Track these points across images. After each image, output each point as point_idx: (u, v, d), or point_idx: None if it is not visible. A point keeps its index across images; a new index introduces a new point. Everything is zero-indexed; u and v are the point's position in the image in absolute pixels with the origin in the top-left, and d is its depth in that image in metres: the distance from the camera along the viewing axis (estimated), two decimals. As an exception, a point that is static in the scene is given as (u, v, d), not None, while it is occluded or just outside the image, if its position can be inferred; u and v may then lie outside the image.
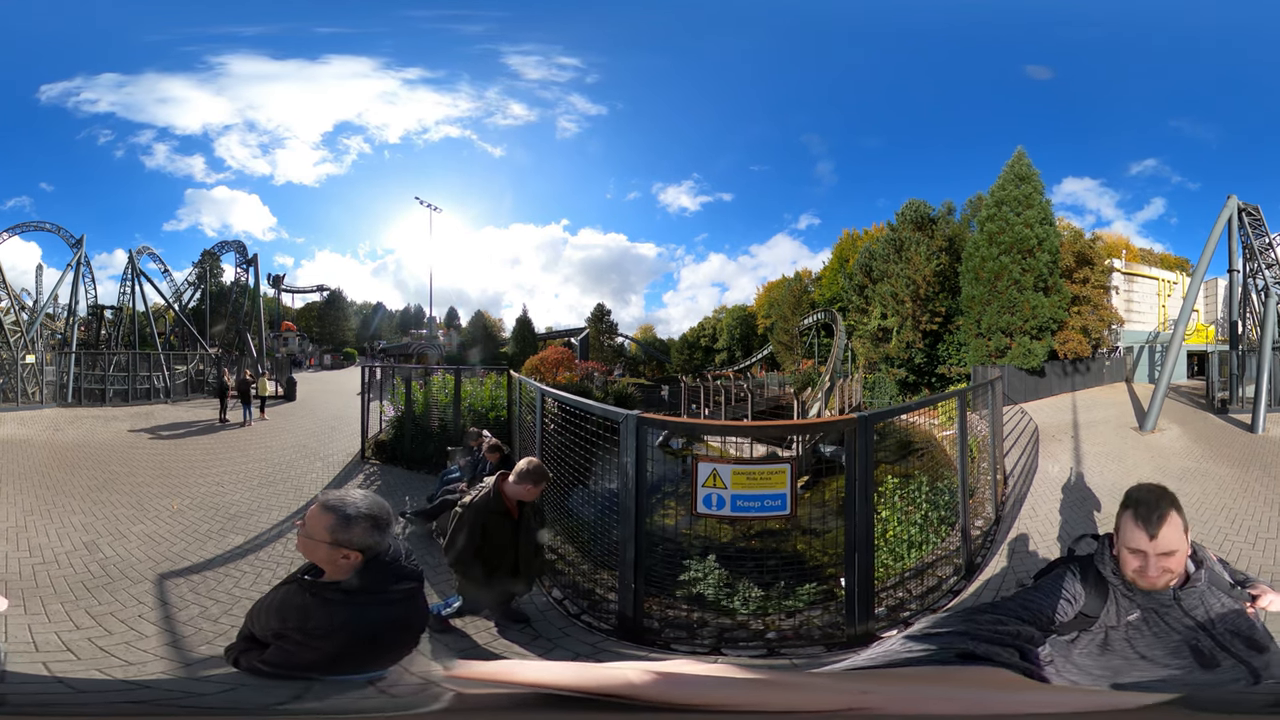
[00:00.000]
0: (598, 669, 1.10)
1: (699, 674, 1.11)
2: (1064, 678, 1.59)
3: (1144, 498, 1.84)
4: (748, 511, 4.90)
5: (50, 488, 8.84)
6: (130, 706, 1.21)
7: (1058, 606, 1.79)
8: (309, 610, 1.97)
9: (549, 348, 35.09)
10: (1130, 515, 1.84)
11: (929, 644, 1.36)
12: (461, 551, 4.36)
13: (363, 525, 2.03)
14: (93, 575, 5.62)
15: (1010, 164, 23.36)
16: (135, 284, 27.36)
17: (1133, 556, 1.82)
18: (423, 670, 1.32)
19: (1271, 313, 16.71)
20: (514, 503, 4.47)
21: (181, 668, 4.15)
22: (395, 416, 11.64)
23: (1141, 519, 1.81)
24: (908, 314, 25.67)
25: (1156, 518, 1.79)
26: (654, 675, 1.05)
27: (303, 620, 1.96)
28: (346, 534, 2.01)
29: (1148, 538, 1.78)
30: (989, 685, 1.22)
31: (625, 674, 1.06)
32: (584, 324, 40.11)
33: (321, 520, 2.02)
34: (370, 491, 2.19)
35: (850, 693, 1.10)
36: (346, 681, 1.58)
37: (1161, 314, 27.53)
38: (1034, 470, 10.61)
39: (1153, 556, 1.78)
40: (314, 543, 2.03)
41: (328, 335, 41.45)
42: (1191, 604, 1.80)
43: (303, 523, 2.08)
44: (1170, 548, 1.78)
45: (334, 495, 2.09)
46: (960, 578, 5.95)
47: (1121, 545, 1.86)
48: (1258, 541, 6.88)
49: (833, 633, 4.86)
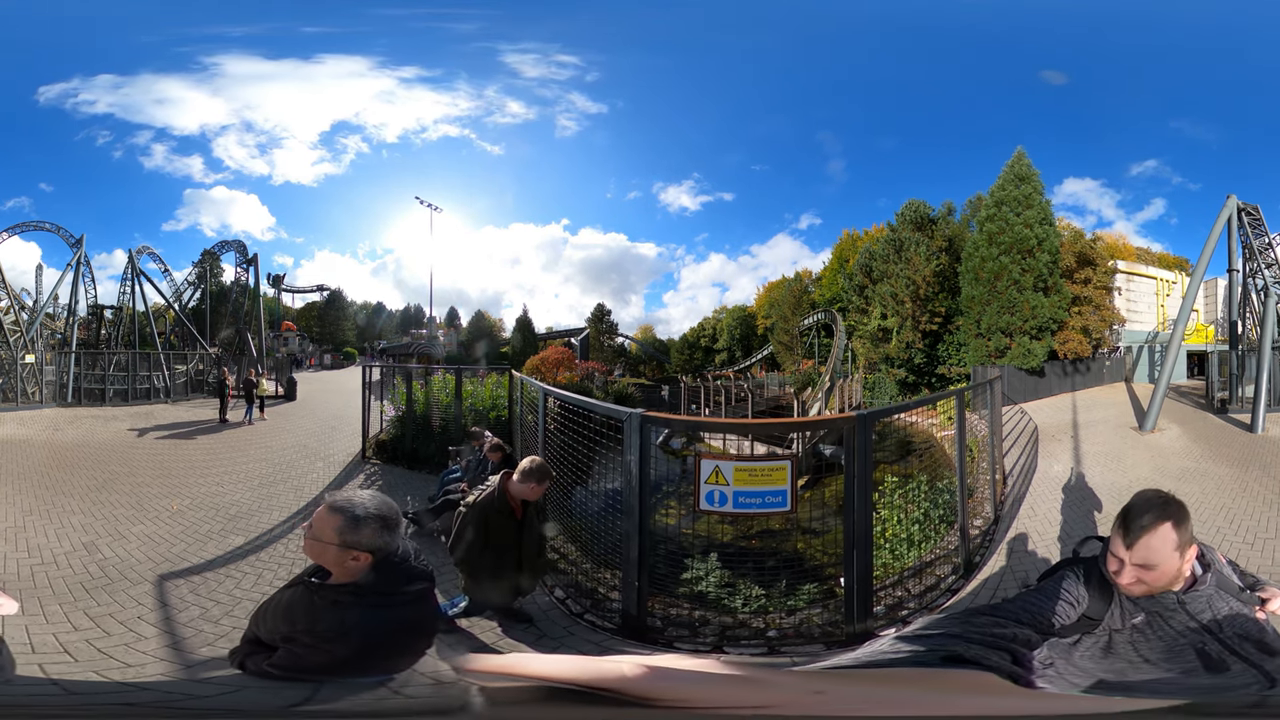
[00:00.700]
0: (597, 663, 1.11)
1: (681, 669, 1.11)
2: (1065, 680, 1.58)
3: (1134, 505, 1.83)
4: (749, 507, 4.91)
5: (49, 488, 8.83)
6: (127, 709, 1.20)
7: (1059, 609, 1.77)
8: (318, 613, 1.94)
9: (549, 348, 35.08)
10: (1118, 520, 1.83)
11: (918, 645, 1.35)
12: (467, 551, 4.38)
13: (372, 526, 1.99)
14: (92, 576, 5.60)
15: (1010, 164, 23.37)
16: (135, 284, 27.36)
17: (1111, 559, 1.82)
18: (432, 670, 1.32)
19: (1271, 312, 16.72)
20: (518, 502, 4.49)
21: (182, 669, 4.14)
22: (396, 416, 11.64)
23: (1121, 526, 1.80)
24: (907, 314, 25.69)
25: (1137, 528, 1.76)
26: (644, 670, 1.06)
27: (312, 623, 1.92)
28: (355, 535, 1.97)
29: (1123, 546, 1.78)
30: (968, 689, 1.20)
31: (620, 668, 1.06)
32: (584, 324, 40.14)
33: (329, 522, 1.98)
34: (376, 491, 2.17)
35: (805, 692, 1.09)
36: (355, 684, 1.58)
37: (1161, 314, 27.54)
38: (1033, 470, 10.61)
39: (1128, 565, 1.77)
40: (321, 545, 1.99)
41: (328, 335, 41.44)
42: (1197, 607, 1.78)
43: (310, 525, 2.04)
44: (1147, 560, 1.75)
45: (341, 496, 2.05)
46: (959, 577, 5.95)
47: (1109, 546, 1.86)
48: (1256, 541, 6.89)
49: (832, 631, 4.88)
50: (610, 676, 1.04)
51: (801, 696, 1.06)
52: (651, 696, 1.02)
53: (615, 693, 1.02)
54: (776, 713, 1.03)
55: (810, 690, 1.10)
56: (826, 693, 1.10)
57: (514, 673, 1.17)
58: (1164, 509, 1.80)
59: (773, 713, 1.03)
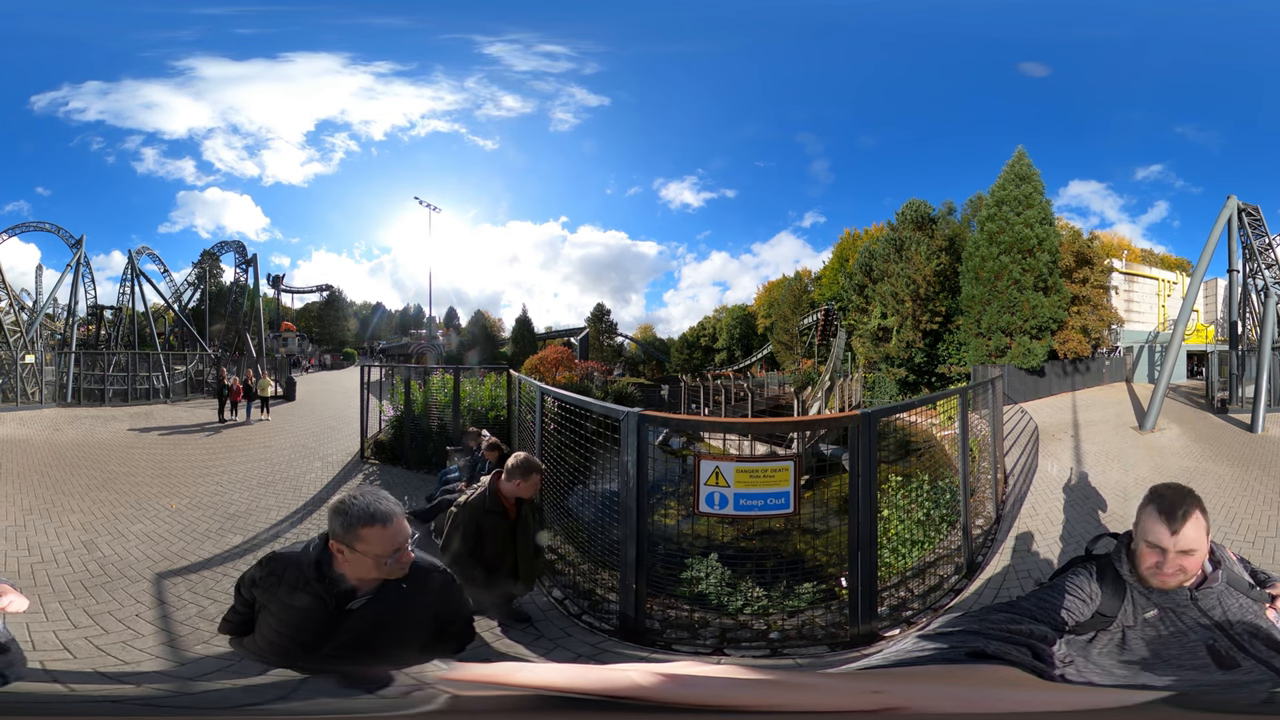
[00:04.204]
0: (600, 671, 1.09)
1: (708, 675, 1.09)
2: (1084, 677, 1.59)
3: (1169, 494, 1.83)
4: (751, 510, 4.82)
5: (49, 487, 8.82)
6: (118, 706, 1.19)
7: (1072, 605, 1.77)
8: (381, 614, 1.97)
9: (548, 347, 35.04)
10: (1154, 510, 1.81)
11: (941, 643, 1.36)
12: (457, 553, 4.25)
13: (405, 518, 2.02)
14: (91, 574, 5.60)
15: (1010, 164, 23.36)
16: (134, 284, 27.34)
17: (1150, 552, 1.80)
18: (417, 672, 1.31)
19: (1271, 313, 16.73)
20: (511, 502, 4.37)
21: (177, 666, 4.14)
22: (395, 416, 11.63)
23: (1165, 514, 1.79)
24: (908, 313, 25.67)
25: (1181, 514, 1.76)
26: (662, 676, 1.04)
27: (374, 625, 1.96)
28: (404, 532, 2.00)
29: (1169, 534, 1.76)
30: (999, 684, 1.22)
31: (630, 675, 1.04)
32: (583, 323, 40.06)
33: (403, 530, 1.98)
34: (358, 486, 2.21)
35: (864, 693, 1.09)
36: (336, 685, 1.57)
37: (1161, 314, 27.54)
38: (1034, 469, 10.60)
39: (1172, 553, 1.76)
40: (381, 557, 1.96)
41: (327, 335, 41.40)
42: (1209, 604, 1.78)
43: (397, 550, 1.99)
44: (1190, 546, 1.76)
45: (380, 502, 1.99)
46: (962, 576, 5.94)
47: (1140, 539, 1.83)
48: (1257, 540, 6.90)
49: (836, 632, 4.83)
50: (620, 684, 1.03)
51: (862, 696, 1.07)
52: (675, 702, 1.01)
53: (627, 700, 1.00)
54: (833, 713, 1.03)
55: (869, 690, 1.11)
56: (885, 692, 1.09)
57: (501, 682, 1.15)
58: (1194, 497, 1.82)
59: (830, 714, 1.03)
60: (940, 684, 1.18)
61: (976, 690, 1.15)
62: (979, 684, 1.21)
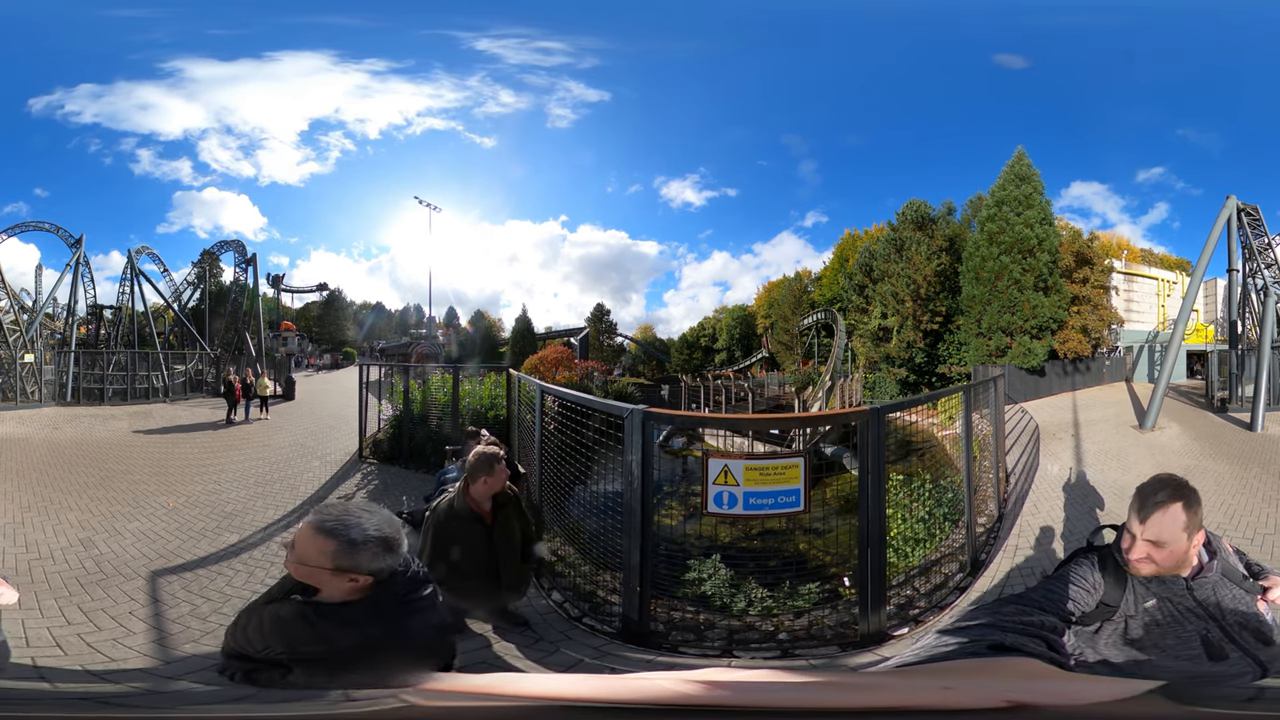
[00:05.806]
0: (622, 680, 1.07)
1: (759, 680, 1.08)
2: (1093, 669, 1.62)
3: (1149, 484, 1.89)
4: (761, 509, 4.69)
5: (47, 484, 8.80)
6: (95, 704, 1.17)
7: (1078, 595, 1.80)
8: (323, 631, 1.72)
9: (548, 347, 35.00)
10: (1134, 497, 1.89)
11: (960, 637, 1.37)
12: (429, 563, 3.78)
13: (371, 550, 1.71)
14: (87, 571, 5.59)
15: (1010, 164, 23.37)
16: (134, 284, 27.31)
17: (1125, 537, 1.87)
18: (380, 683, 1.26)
19: (1270, 312, 16.73)
20: (485, 505, 4.00)
21: (163, 665, 4.11)
22: (393, 416, 11.60)
23: (1137, 502, 1.86)
24: (908, 313, 25.64)
25: (1152, 504, 1.81)
26: (707, 683, 1.02)
27: (316, 641, 1.72)
28: (353, 560, 1.69)
29: (1137, 521, 1.83)
30: (1025, 676, 1.22)
31: (659, 683, 1.02)
32: (583, 323, 40.00)
33: (318, 545, 1.69)
34: (371, 503, 1.92)
35: (935, 689, 1.10)
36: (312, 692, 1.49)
37: (1161, 314, 27.52)
38: (1035, 468, 10.59)
39: (1139, 540, 1.81)
40: (308, 569, 1.72)
41: (327, 335, 41.37)
42: (1203, 594, 1.81)
43: (291, 545, 1.75)
44: (1158, 537, 1.79)
45: (331, 515, 1.74)
46: (966, 574, 5.92)
47: (1125, 525, 1.91)
48: (1256, 537, 6.95)
49: (844, 632, 4.76)
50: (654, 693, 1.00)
51: (934, 694, 1.07)
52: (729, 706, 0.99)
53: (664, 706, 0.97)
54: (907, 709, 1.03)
55: (940, 687, 1.11)
56: (954, 689, 1.09)
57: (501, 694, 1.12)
58: (1177, 489, 1.85)
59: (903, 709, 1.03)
60: (987, 679, 1.19)
61: (1012, 684, 1.16)
62: (1008, 676, 1.21)
